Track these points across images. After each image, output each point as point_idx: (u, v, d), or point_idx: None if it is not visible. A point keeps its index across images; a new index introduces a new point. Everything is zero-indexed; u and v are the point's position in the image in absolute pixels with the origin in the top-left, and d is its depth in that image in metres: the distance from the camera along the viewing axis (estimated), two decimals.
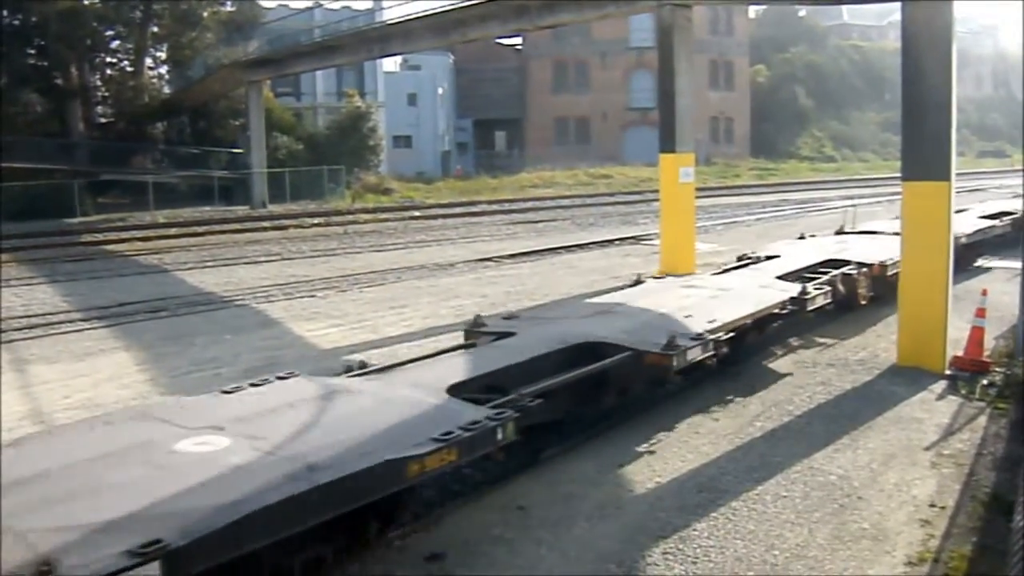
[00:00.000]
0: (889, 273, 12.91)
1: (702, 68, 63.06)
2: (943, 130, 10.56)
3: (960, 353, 10.64)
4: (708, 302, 10.71)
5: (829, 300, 11.86)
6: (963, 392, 9.79)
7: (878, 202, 32.45)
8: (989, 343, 11.25)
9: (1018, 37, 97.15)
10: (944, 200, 10.56)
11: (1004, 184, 38.36)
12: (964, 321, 11.20)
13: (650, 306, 10.50)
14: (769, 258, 14.39)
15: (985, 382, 10.03)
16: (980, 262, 17.94)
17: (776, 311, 10.83)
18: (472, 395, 6.92)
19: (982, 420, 8.92)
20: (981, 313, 10.85)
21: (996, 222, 18.81)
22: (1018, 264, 12.19)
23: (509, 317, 10.43)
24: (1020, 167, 32.99)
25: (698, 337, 8.72)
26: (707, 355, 8.75)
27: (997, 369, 10.46)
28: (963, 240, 15.92)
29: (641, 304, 10.71)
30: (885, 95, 75.21)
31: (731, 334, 9.39)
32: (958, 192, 11.64)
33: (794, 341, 12.00)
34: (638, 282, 12.54)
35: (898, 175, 11.52)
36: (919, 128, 10.77)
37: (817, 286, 11.70)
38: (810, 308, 11.10)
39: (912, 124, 10.89)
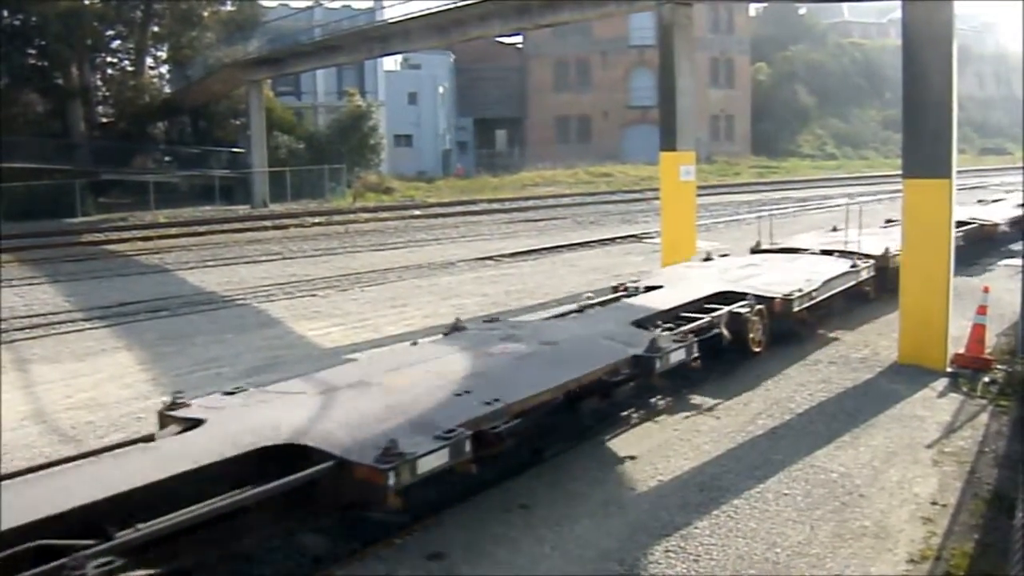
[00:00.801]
0: (796, 308, 10.88)
1: (703, 66, 63.03)
2: (944, 128, 10.56)
3: (962, 351, 10.64)
4: (503, 370, 7.57)
5: (695, 355, 8.65)
6: (965, 390, 9.79)
7: (879, 200, 32.36)
8: (991, 340, 11.25)
9: (1018, 34, 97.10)
10: (945, 197, 10.55)
11: (1006, 181, 38.32)
12: (965, 319, 11.20)
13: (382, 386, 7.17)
14: (649, 289, 11.50)
15: (987, 380, 10.03)
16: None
17: (604, 376, 7.98)
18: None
19: (984, 418, 8.92)
20: (982, 310, 10.84)
21: None
22: (1019, 261, 12.17)
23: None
24: (1021, 164, 33.04)
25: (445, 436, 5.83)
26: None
27: (999, 367, 10.45)
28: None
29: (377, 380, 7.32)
30: (886, 93, 75.17)
31: (513, 422, 6.53)
32: (959, 189, 11.62)
33: (793, 339, 11.99)
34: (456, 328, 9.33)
35: (899, 172, 11.52)
36: (920, 126, 10.77)
37: (679, 336, 8.76)
38: (660, 370, 8.02)
39: (913, 122, 10.89)
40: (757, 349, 10.46)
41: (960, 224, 15.20)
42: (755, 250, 14.99)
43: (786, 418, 8.90)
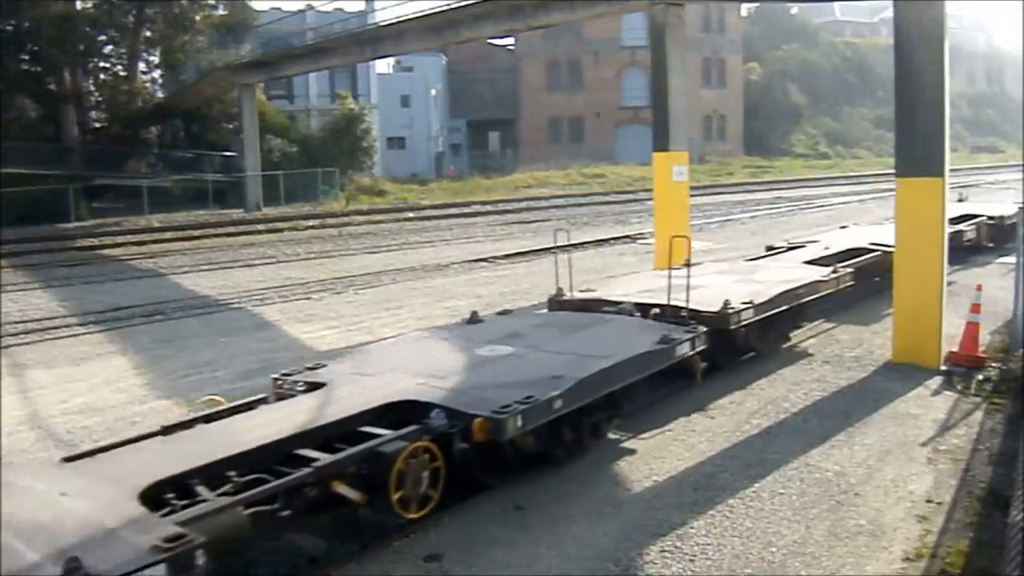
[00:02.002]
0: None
1: (695, 66, 63.19)
2: (936, 126, 10.57)
3: (955, 349, 10.67)
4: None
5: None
6: (959, 388, 9.81)
7: (872, 198, 32.44)
8: (984, 338, 11.29)
9: (1009, 32, 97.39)
10: (938, 196, 10.57)
11: (999, 180, 38.45)
12: (959, 317, 11.23)
13: None
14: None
15: (981, 377, 10.05)
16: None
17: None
18: None
19: (978, 415, 8.94)
20: (976, 309, 10.87)
21: None
22: (1012, 259, 12.21)
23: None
24: (1014, 162, 33.13)
25: None
26: None
27: (993, 364, 10.49)
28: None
29: None
30: (878, 91, 75.34)
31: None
32: (952, 188, 11.65)
33: (791, 337, 12.01)
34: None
35: (892, 171, 11.54)
36: (913, 124, 10.79)
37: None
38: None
39: (905, 120, 10.91)
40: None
41: (852, 254, 14.50)
42: (554, 302, 11.34)
43: (780, 417, 8.92)
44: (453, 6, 26.57)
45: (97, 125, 48.64)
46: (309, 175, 45.24)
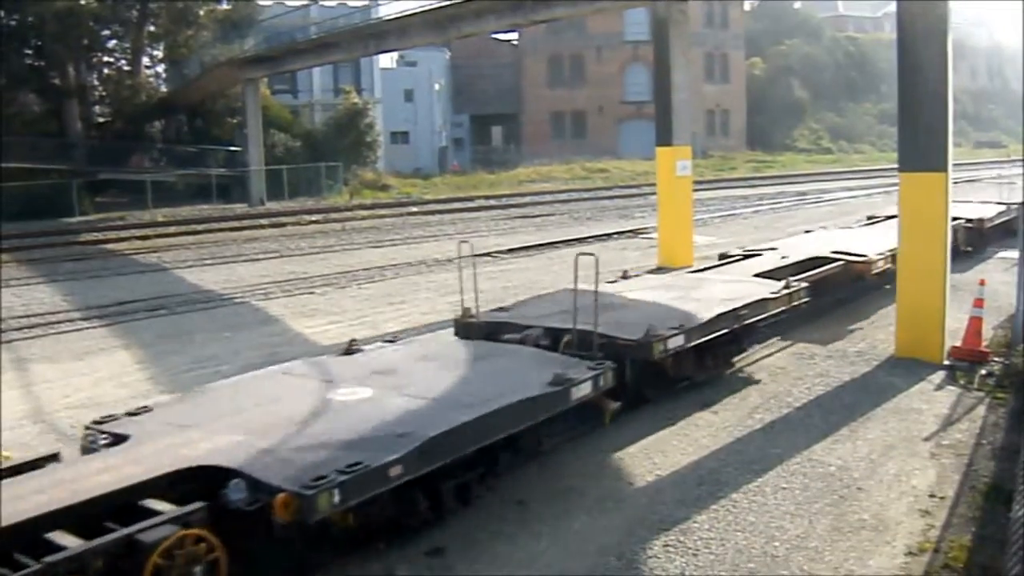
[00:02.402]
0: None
1: (697, 61, 63.03)
2: (939, 121, 10.57)
3: (958, 343, 10.66)
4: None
5: None
6: (962, 382, 9.81)
7: (875, 192, 32.40)
8: (987, 333, 11.27)
9: (1011, 28, 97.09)
10: (941, 190, 10.56)
11: (1002, 175, 38.36)
12: (962, 312, 11.22)
13: None
14: None
15: (984, 372, 10.06)
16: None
17: None
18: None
19: (981, 410, 8.94)
20: (979, 303, 10.87)
21: None
22: (1015, 254, 12.19)
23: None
24: (1016, 157, 33.04)
25: None
26: None
27: (996, 359, 10.48)
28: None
29: None
30: (881, 87, 75.12)
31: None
32: (955, 183, 11.64)
33: (792, 334, 12.00)
34: None
35: (895, 166, 11.53)
36: (916, 119, 10.79)
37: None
38: None
39: (909, 115, 10.91)
40: None
41: (811, 264, 13.04)
42: (460, 325, 10.05)
43: (783, 412, 8.92)
44: (456, 1, 26.57)
45: (101, 120, 48.66)
46: (313, 170, 45.26)
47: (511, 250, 22.54)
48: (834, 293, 13.32)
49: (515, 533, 6.35)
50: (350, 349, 8.77)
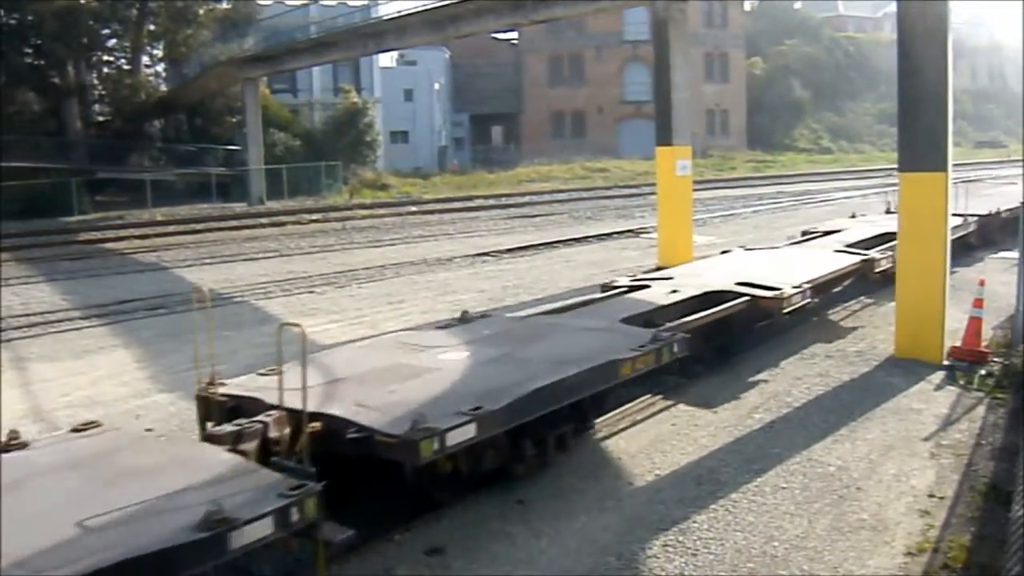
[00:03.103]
0: None
1: (697, 61, 63.07)
2: (939, 121, 10.57)
3: (958, 344, 10.66)
4: None
5: None
6: (961, 382, 9.81)
7: (874, 192, 32.39)
8: (987, 333, 11.28)
9: (1011, 28, 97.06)
10: (941, 191, 10.56)
11: (1001, 175, 38.41)
12: (962, 312, 11.22)
13: None
14: None
15: (983, 372, 10.05)
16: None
17: None
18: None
19: (980, 410, 8.95)
20: (979, 303, 10.87)
21: None
22: (1015, 254, 12.19)
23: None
24: (1016, 157, 33.03)
25: None
26: None
27: (995, 359, 10.49)
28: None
29: None
30: (881, 86, 75.13)
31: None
32: (954, 183, 11.64)
33: (791, 333, 12.01)
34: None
35: (895, 166, 11.54)
36: (916, 119, 10.79)
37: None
38: None
39: (909, 115, 10.91)
40: None
41: (709, 300, 10.60)
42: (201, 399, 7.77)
43: (783, 412, 8.92)
44: (455, 0, 26.57)
45: (100, 119, 48.72)
46: (312, 169, 45.24)
47: (510, 250, 22.54)
48: (732, 338, 10.89)
49: (514, 532, 6.35)
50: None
